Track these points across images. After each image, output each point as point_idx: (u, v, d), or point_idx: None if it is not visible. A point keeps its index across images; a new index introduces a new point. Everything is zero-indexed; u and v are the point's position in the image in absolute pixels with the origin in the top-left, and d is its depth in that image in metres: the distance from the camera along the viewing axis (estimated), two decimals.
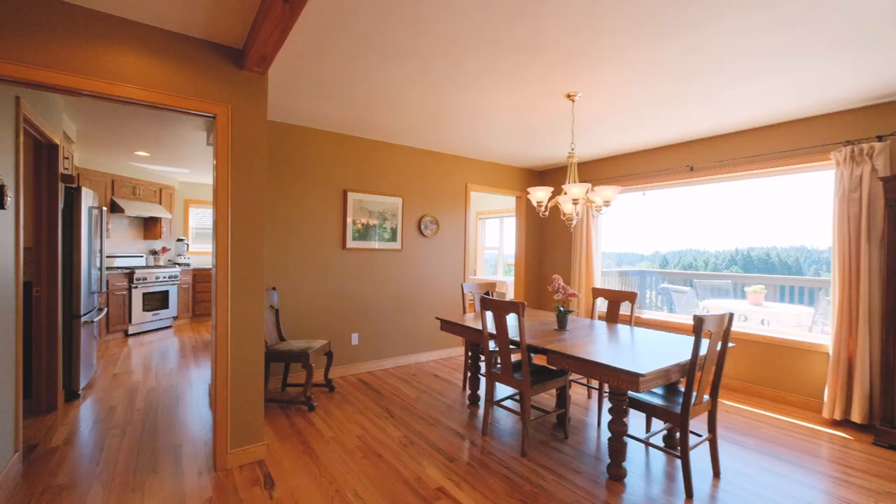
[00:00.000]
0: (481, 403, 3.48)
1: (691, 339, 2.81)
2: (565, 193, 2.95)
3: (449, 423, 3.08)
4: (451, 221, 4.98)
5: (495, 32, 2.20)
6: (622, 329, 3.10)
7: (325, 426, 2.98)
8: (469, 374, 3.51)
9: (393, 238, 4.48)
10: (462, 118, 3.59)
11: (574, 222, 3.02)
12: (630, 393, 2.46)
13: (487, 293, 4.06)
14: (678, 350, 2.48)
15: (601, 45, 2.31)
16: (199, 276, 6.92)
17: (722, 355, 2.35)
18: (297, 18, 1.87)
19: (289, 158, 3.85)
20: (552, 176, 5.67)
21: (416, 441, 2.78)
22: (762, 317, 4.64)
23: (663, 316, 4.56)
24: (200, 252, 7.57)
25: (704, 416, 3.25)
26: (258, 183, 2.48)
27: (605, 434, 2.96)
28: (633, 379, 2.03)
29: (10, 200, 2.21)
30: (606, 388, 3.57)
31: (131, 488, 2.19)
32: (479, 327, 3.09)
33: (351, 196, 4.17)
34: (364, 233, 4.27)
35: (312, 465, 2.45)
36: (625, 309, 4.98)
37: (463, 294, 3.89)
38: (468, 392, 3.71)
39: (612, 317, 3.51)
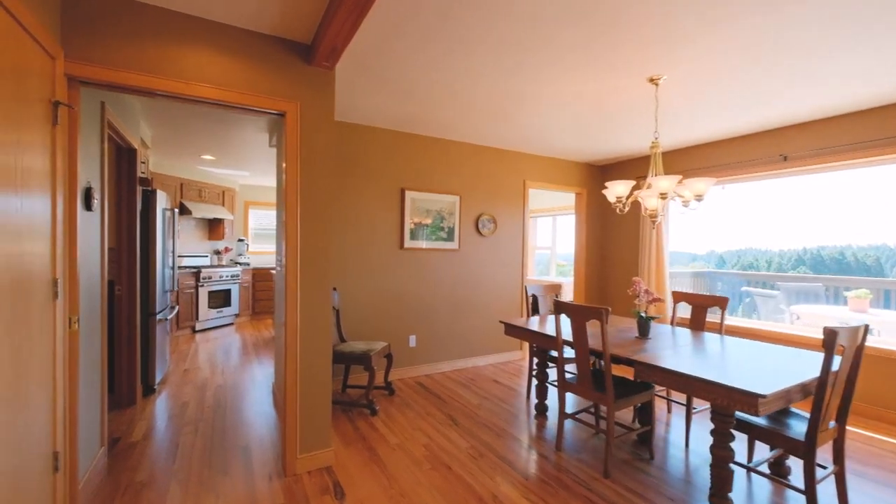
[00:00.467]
0: (549, 414, 3.26)
1: (798, 351, 2.44)
2: (649, 187, 2.67)
3: (517, 435, 2.89)
4: (508, 220, 4.78)
5: (578, 13, 1.99)
6: (710, 338, 2.77)
7: (388, 432, 2.89)
8: (536, 382, 3.30)
9: (450, 237, 4.34)
10: (527, 110, 3.38)
11: (659, 219, 2.73)
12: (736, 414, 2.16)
13: (556, 295, 3.83)
14: (785, 365, 2.14)
15: (692, 20, 2.03)
16: (259, 275, 7.15)
17: (854, 374, 2.00)
18: (373, 4, 1.76)
19: (347, 157, 3.81)
20: (616, 170, 5.31)
21: (486, 453, 2.62)
22: (870, 326, 4.05)
23: (750, 323, 4.11)
24: (259, 252, 7.85)
25: (826, 445, 2.84)
26: (326, 181, 2.41)
27: (695, 455, 2.65)
28: (750, 400, 1.74)
29: (96, 203, 2.28)
30: (695, 403, 3.25)
31: (206, 489, 2.18)
32: (549, 332, 2.88)
33: (408, 195, 4.07)
34: (421, 232, 4.17)
35: (381, 474, 2.35)
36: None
37: (526, 296, 3.68)
38: (535, 401, 3.50)
39: (696, 324, 3.16)
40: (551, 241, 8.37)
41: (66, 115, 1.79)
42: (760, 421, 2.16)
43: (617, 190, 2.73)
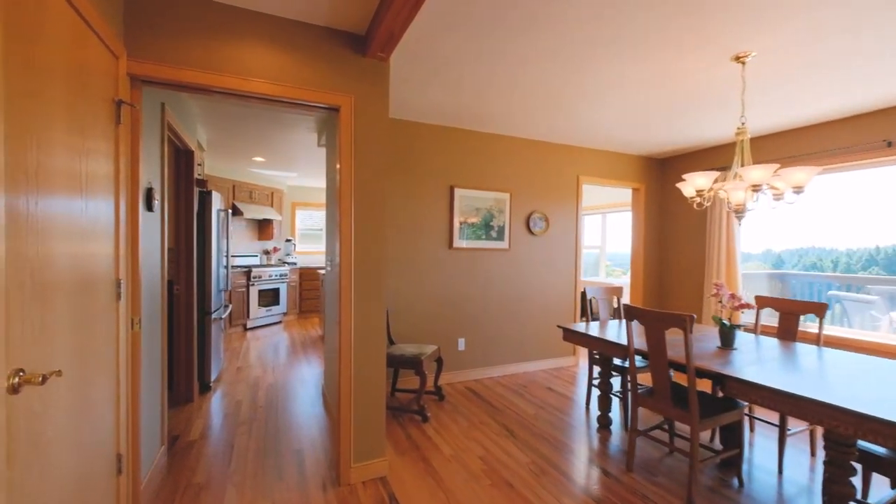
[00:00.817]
0: (613, 428, 3.00)
1: None
2: (737, 178, 2.37)
3: (580, 450, 2.67)
4: (560, 218, 4.52)
5: None
6: (804, 350, 2.42)
7: (442, 441, 2.75)
8: (599, 392, 3.05)
9: (500, 236, 4.16)
10: (588, 99, 3.13)
11: (744, 215, 2.42)
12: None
13: (617, 298, 3.55)
14: None
15: None
16: (305, 274, 7.27)
17: None
18: None
19: (395, 155, 3.72)
20: (678, 163, 4.91)
21: (548, 470, 2.42)
22: None
23: (844, 332, 3.64)
24: (306, 252, 8.00)
25: None
26: (380, 178, 2.30)
27: (790, 484, 2.32)
28: (891, 432, 1.45)
29: (156, 203, 2.29)
30: (790, 425, 2.89)
31: (262, 495, 2.13)
32: (614, 339, 2.63)
33: (458, 192, 3.93)
34: (470, 231, 4.01)
35: (437, 489, 2.21)
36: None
37: (584, 299, 3.43)
38: (596, 412, 3.25)
39: (786, 333, 2.80)
40: (600, 240, 7.98)
41: (128, 114, 1.78)
42: (881, 450, 1.83)
43: (697, 182, 2.44)
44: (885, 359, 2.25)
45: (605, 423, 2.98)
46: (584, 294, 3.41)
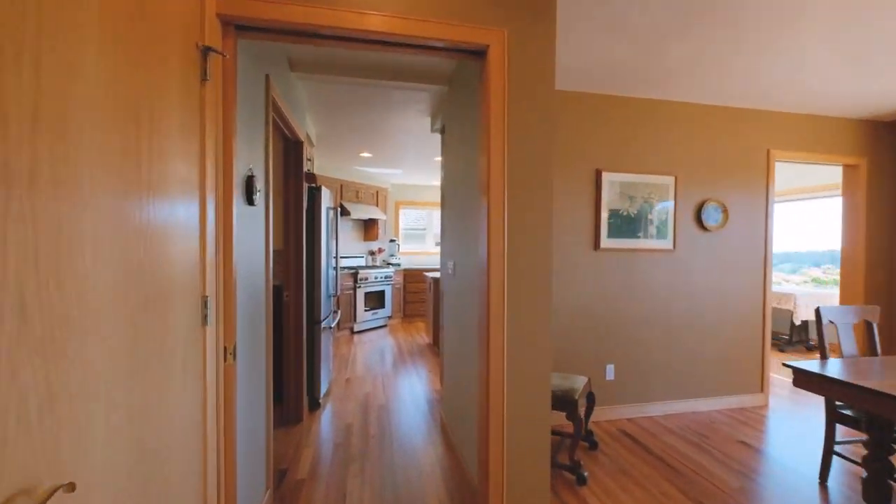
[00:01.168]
0: None
1: None
2: None
3: None
4: (743, 207, 3.37)
5: None
6: None
7: None
8: (865, 474, 1.97)
9: (661, 234, 3.18)
10: (794, 27, 2.06)
11: None
12: None
13: (874, 323, 2.38)
14: None
15: None
16: (409, 276, 6.94)
17: None
18: None
19: None
20: None
21: None
22: None
23: None
24: (409, 252, 7.70)
25: None
26: (545, 152, 1.59)
27: None
28: None
29: (259, 196, 1.87)
30: None
31: None
32: None
33: (606, 177, 3.06)
34: (622, 227, 3.11)
35: None
36: None
37: (820, 324, 2.33)
38: (847, 496, 2.15)
39: None
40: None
41: (218, 67, 1.31)
42: None
43: None
44: None
45: None
46: (818, 315, 2.31)
